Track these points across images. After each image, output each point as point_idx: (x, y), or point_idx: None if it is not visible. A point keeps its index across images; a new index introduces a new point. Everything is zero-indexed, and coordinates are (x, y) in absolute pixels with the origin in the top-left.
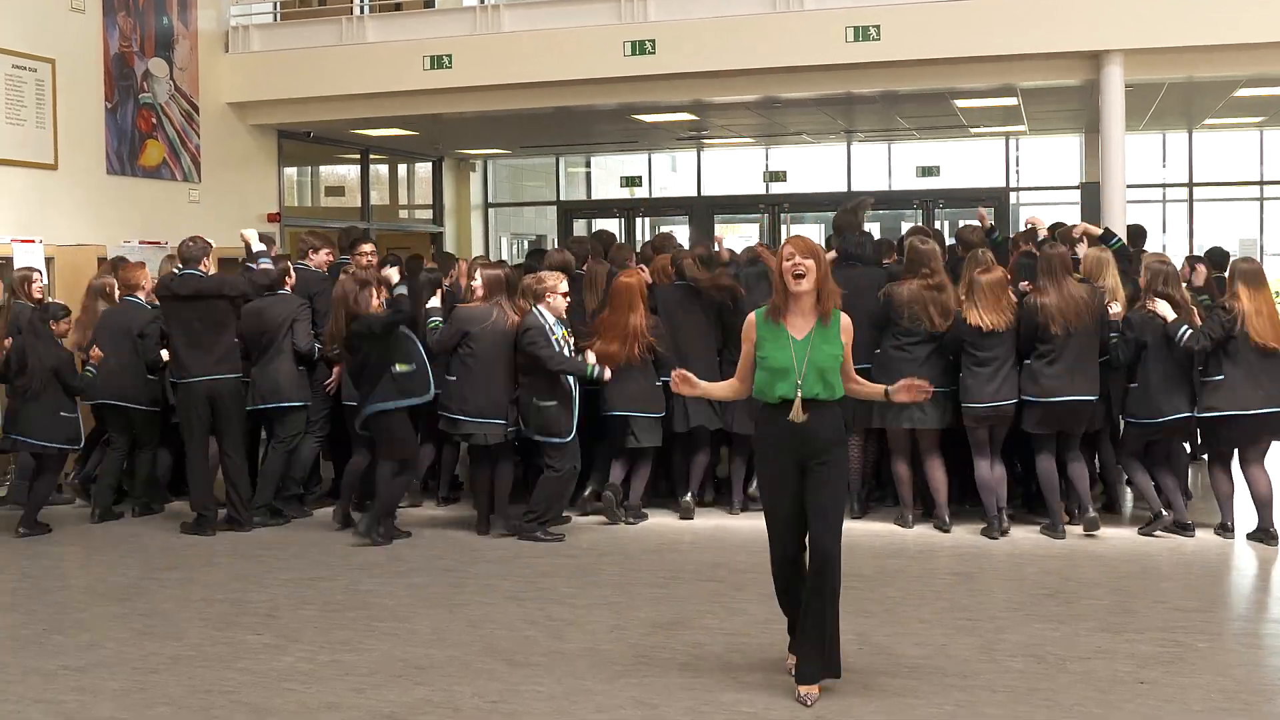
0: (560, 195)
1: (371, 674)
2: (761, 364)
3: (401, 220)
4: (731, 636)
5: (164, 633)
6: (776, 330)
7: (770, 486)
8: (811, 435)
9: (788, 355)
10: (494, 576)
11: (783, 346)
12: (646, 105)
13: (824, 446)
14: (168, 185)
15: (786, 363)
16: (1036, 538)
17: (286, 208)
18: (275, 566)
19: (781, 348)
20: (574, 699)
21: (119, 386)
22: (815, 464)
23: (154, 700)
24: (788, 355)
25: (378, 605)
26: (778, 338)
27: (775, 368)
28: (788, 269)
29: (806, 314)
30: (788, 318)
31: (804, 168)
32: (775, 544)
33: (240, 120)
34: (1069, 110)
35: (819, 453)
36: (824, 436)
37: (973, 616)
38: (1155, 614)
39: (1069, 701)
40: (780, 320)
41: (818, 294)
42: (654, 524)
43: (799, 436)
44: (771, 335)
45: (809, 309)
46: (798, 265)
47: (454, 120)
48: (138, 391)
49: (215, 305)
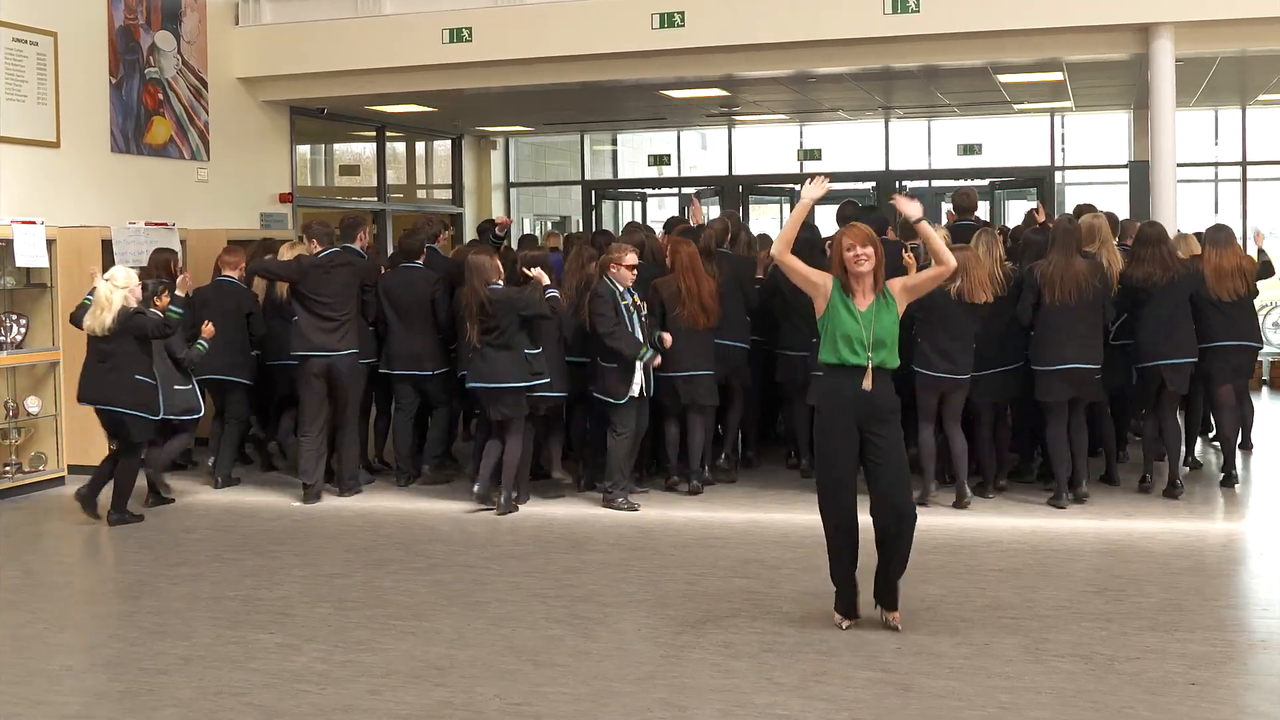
0: (585, 174)
1: (389, 675)
2: (833, 329)
3: (419, 200)
4: (765, 635)
5: (173, 632)
6: (847, 300)
7: (831, 449)
8: (874, 401)
9: (856, 325)
10: (517, 573)
11: (851, 315)
12: (675, 80)
13: (884, 412)
14: (175, 164)
15: (855, 332)
16: (1082, 532)
17: (299, 187)
18: (289, 563)
19: (851, 316)
20: (601, 701)
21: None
22: (876, 427)
23: (162, 702)
24: (856, 325)
25: (396, 603)
26: (848, 307)
27: (843, 334)
28: (849, 260)
29: (868, 291)
30: (854, 295)
31: (840, 146)
32: (829, 507)
33: (251, 96)
34: (1117, 86)
35: (880, 418)
36: (884, 404)
37: (1017, 615)
38: (1207, 612)
39: (1118, 704)
40: (849, 293)
41: (875, 274)
42: (683, 518)
43: (863, 402)
44: (843, 304)
45: (869, 287)
46: (859, 257)
47: (474, 96)
48: (239, 367)
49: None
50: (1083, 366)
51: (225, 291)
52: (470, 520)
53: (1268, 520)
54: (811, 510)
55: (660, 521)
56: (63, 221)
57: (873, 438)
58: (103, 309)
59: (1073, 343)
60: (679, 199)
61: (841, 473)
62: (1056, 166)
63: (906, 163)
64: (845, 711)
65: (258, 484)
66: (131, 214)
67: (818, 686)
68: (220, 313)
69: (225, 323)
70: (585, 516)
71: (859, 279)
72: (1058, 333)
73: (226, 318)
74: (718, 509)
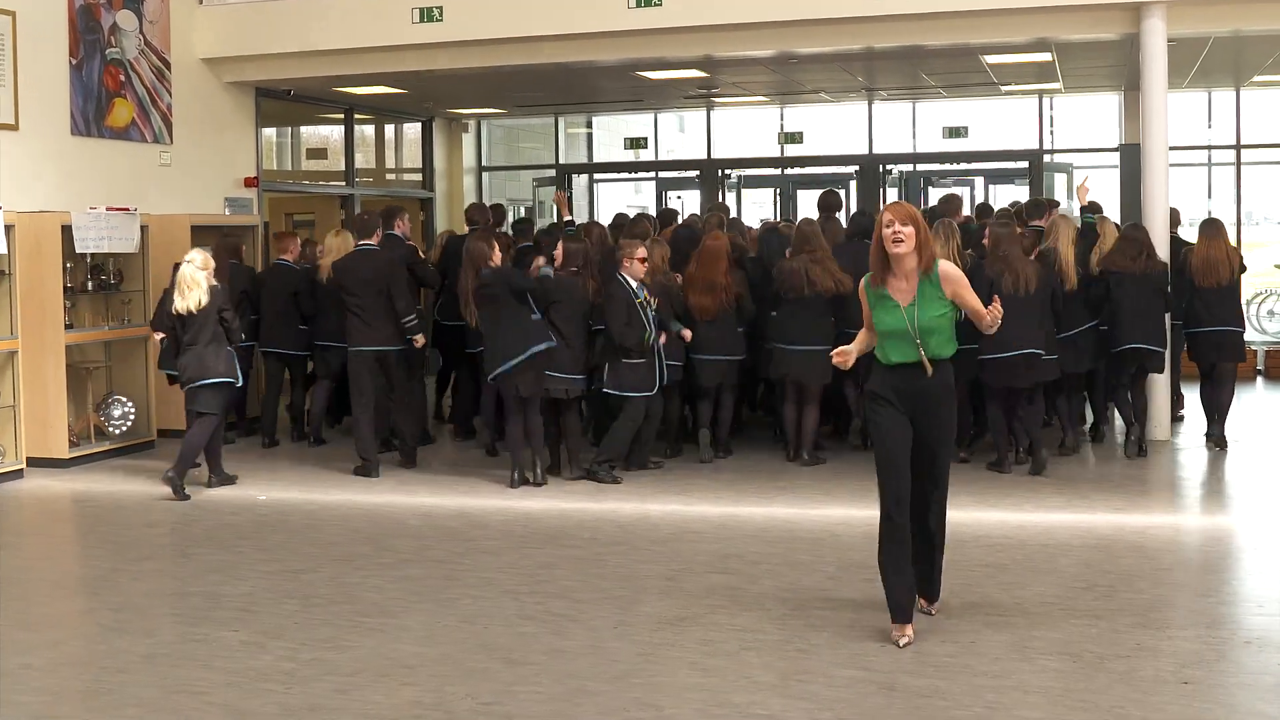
0: (560, 158)
1: (356, 674)
2: (878, 327)
3: (389, 184)
4: (744, 633)
5: (134, 629)
6: (882, 296)
7: (888, 438)
8: (928, 388)
9: (899, 320)
10: (489, 569)
11: (892, 311)
12: (652, 61)
13: (937, 401)
14: (137, 147)
15: (899, 326)
16: (1072, 526)
17: (265, 171)
18: (254, 558)
19: (891, 312)
20: (575, 700)
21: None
22: (929, 417)
23: (123, 701)
24: (899, 320)
25: (364, 599)
26: (884, 303)
27: (887, 331)
28: (887, 236)
29: (910, 276)
30: (890, 282)
31: (822, 129)
32: (888, 499)
33: (215, 77)
34: (1107, 67)
35: (934, 406)
36: (936, 393)
37: (1004, 612)
38: (1199, 609)
39: (1108, 703)
40: (882, 285)
41: (919, 255)
42: (660, 512)
43: (917, 389)
44: (879, 302)
45: (911, 270)
46: (898, 233)
47: (445, 77)
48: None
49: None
50: (1029, 352)
51: (280, 274)
52: (441, 514)
53: (1260, 515)
54: (790, 504)
55: (636, 516)
56: (21, 206)
57: (923, 424)
58: (191, 288)
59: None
60: (656, 183)
61: (898, 471)
62: (1045, 150)
63: (890, 146)
64: (828, 711)
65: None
66: (92, 199)
67: (799, 685)
68: (278, 293)
69: (284, 303)
70: (560, 511)
71: (898, 261)
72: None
73: (284, 298)
74: (695, 502)
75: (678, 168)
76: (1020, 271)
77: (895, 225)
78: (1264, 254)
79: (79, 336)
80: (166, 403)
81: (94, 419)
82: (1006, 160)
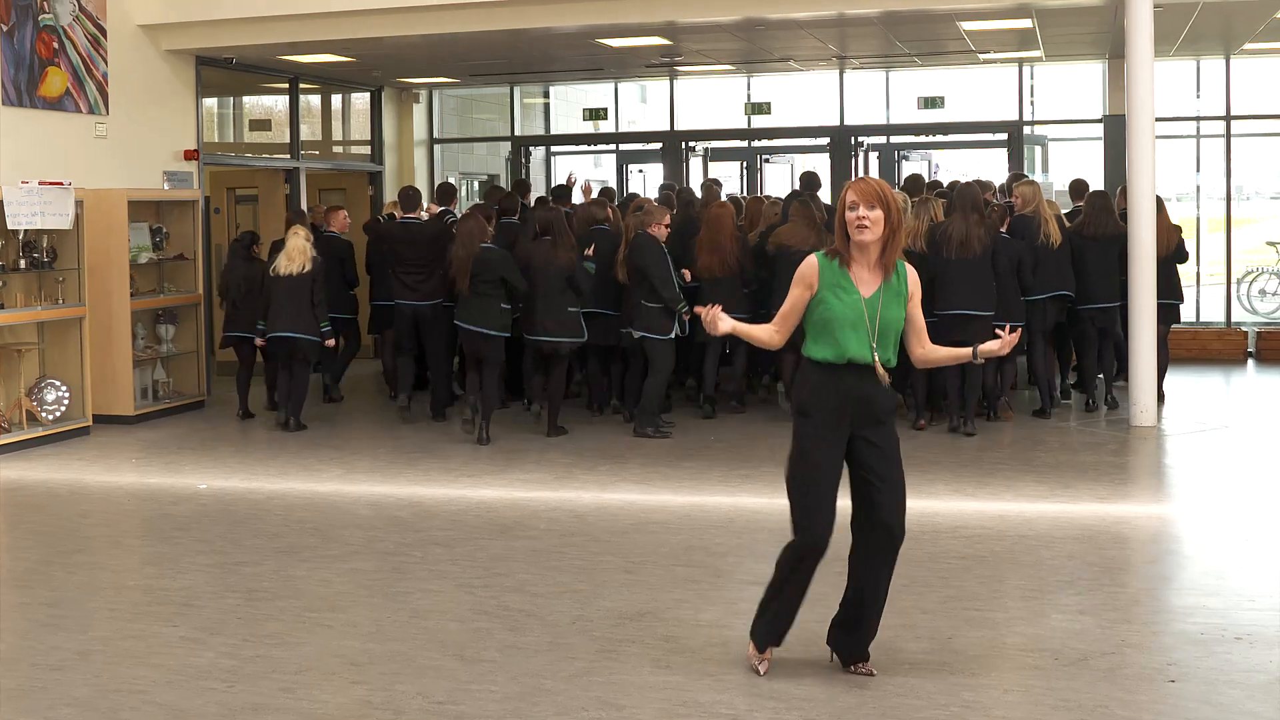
0: (515, 130)
1: (302, 671)
2: (822, 314)
3: (336, 157)
4: (709, 629)
5: (68, 625)
6: (843, 279)
7: (819, 454)
8: (873, 400)
9: (857, 311)
10: (442, 561)
11: (851, 298)
12: (612, 27)
13: (883, 414)
14: (71, 118)
15: (856, 318)
16: (1054, 516)
17: (206, 144)
18: (194, 549)
19: (850, 299)
20: (531, 699)
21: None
22: (872, 433)
23: (57, 701)
24: (857, 311)
25: (310, 593)
26: (844, 288)
27: (842, 319)
28: (850, 221)
29: (872, 266)
30: (852, 269)
31: (791, 99)
32: (806, 520)
33: (153, 45)
34: (1090, 33)
35: (878, 420)
36: (884, 403)
37: (983, 606)
38: (1187, 603)
39: (1091, 702)
40: (846, 266)
41: (883, 248)
42: (619, 502)
43: (861, 401)
44: (836, 283)
45: (874, 261)
46: (863, 219)
47: (395, 44)
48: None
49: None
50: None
51: (331, 244)
52: (390, 504)
53: (1250, 504)
54: (757, 493)
55: (595, 505)
56: None
57: (867, 442)
58: (301, 253)
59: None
60: (617, 156)
61: (825, 491)
62: (1025, 121)
63: (863, 117)
64: (796, 711)
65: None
66: (24, 172)
67: (766, 684)
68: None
69: (332, 271)
70: (515, 500)
71: (861, 250)
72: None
73: (331, 266)
74: (658, 491)
75: (639, 140)
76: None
77: (860, 209)
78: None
79: (10, 317)
80: (103, 387)
81: (26, 404)
82: (985, 132)
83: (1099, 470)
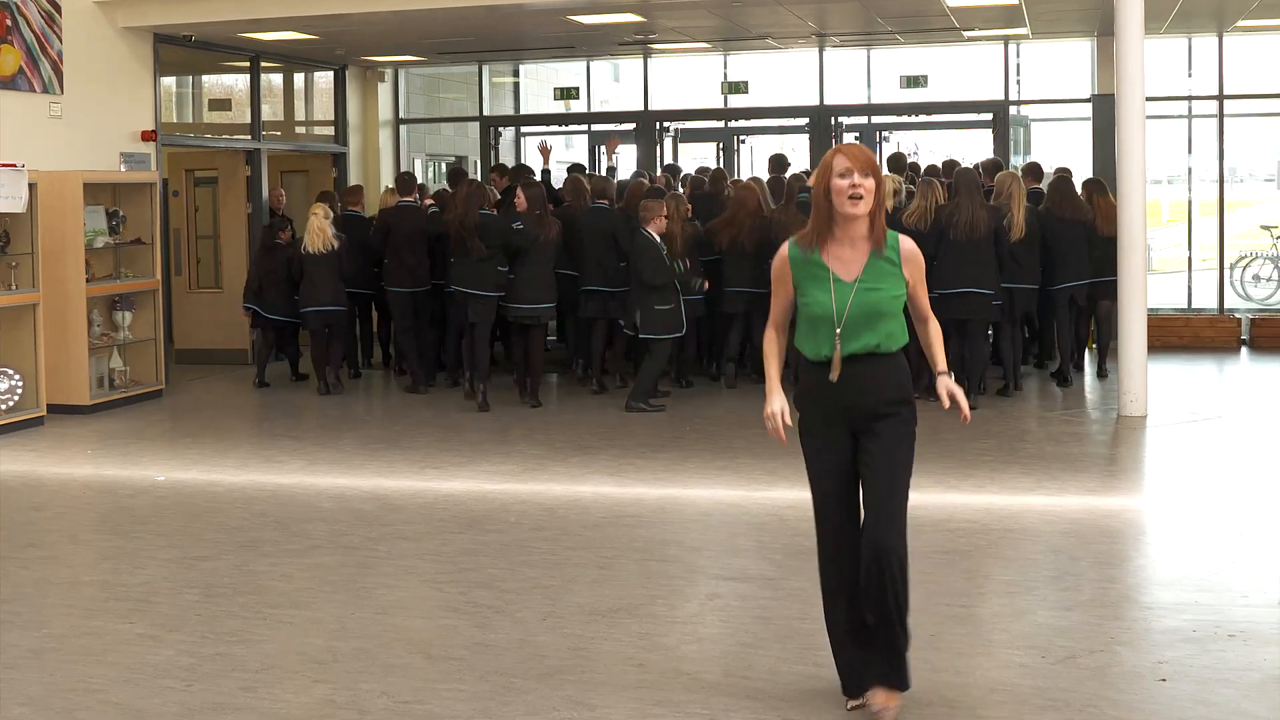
0: (484, 110)
1: (264, 670)
2: (804, 310)
3: (299, 138)
4: (684, 626)
5: (22, 621)
6: (816, 266)
7: (816, 460)
8: (863, 395)
9: (828, 299)
10: (408, 556)
11: (823, 286)
12: (584, 4)
13: (881, 409)
14: (24, 98)
15: (826, 309)
16: (1040, 509)
17: (164, 124)
18: (152, 544)
19: (822, 289)
20: (501, 699)
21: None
22: (871, 427)
23: (9, 700)
24: (828, 299)
25: (271, 589)
26: (817, 276)
27: (815, 315)
28: (841, 189)
29: (857, 243)
30: (830, 249)
31: (769, 78)
32: (825, 534)
33: (109, 22)
34: (1078, 10)
35: (875, 416)
36: (881, 396)
37: (967, 603)
38: (1178, 599)
39: (1079, 701)
40: (817, 250)
41: (870, 221)
42: (591, 494)
43: (847, 396)
44: (810, 274)
45: (860, 237)
46: (857, 187)
47: (359, 21)
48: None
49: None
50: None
51: (354, 224)
52: (355, 496)
53: (1243, 497)
54: (735, 486)
55: (566, 498)
56: None
57: (864, 439)
58: (321, 231)
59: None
60: (589, 136)
61: (834, 504)
62: (1011, 101)
63: (843, 97)
64: (774, 712)
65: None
66: None
67: (743, 683)
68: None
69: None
70: (483, 493)
71: (847, 223)
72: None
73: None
74: (631, 484)
75: (612, 120)
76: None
77: (854, 176)
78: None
79: None
80: (58, 376)
81: None
82: (969, 112)
83: (1087, 461)
